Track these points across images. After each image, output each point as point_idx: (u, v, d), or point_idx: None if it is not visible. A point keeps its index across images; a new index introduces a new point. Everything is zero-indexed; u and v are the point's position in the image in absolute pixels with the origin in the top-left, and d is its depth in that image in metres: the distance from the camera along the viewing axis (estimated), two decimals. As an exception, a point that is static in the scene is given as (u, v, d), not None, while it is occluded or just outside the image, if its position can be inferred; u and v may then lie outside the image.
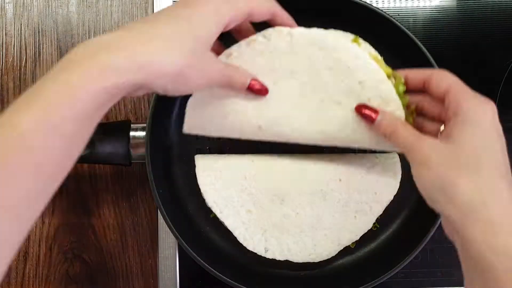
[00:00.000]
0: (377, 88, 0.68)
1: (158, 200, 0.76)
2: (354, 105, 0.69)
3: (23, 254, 0.89)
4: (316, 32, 0.68)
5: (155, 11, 0.89)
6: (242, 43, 0.68)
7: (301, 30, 0.68)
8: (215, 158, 0.81)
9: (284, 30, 0.68)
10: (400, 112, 0.67)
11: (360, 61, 0.68)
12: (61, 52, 0.90)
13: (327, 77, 0.69)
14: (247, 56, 0.68)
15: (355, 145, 0.74)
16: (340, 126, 0.71)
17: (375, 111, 0.64)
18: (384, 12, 0.78)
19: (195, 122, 0.74)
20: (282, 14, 0.65)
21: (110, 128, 0.79)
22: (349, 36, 0.72)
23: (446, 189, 0.53)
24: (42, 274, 0.89)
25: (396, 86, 0.69)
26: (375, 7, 0.78)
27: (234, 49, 0.68)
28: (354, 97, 0.69)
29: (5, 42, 0.90)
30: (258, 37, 0.68)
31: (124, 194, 0.89)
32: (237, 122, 0.73)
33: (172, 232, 0.76)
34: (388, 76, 0.69)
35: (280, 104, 0.71)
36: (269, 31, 0.68)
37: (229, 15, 0.57)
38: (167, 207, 0.77)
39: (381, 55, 0.72)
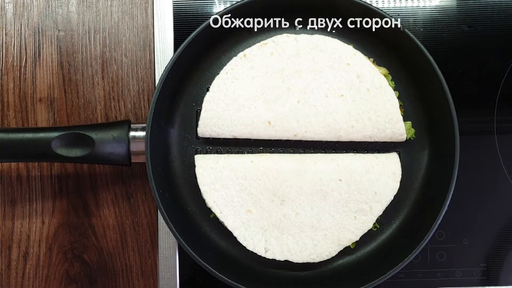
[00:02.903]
0: (373, 80, 0.78)
1: (158, 200, 0.76)
2: (356, 97, 0.78)
3: (23, 254, 0.89)
4: (317, 37, 0.80)
5: (155, 11, 0.88)
6: (254, 47, 0.79)
7: (305, 36, 0.80)
8: (215, 158, 0.81)
9: (291, 36, 0.79)
10: (395, 100, 0.78)
11: (357, 56, 0.79)
12: (61, 52, 0.90)
13: (329, 74, 0.78)
14: (259, 57, 0.79)
15: (359, 135, 0.80)
16: (344, 117, 0.79)
17: None
18: (384, 11, 0.78)
19: (210, 114, 0.80)
20: None
21: (110, 128, 0.79)
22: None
23: None
24: (42, 274, 0.89)
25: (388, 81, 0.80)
26: (375, 6, 0.79)
27: (248, 51, 0.79)
28: (355, 89, 0.79)
29: (5, 42, 0.90)
30: (269, 41, 0.79)
31: (124, 194, 0.89)
32: (248, 117, 0.79)
33: (172, 232, 0.76)
34: (384, 75, 0.80)
35: (287, 100, 0.78)
36: (278, 37, 0.79)
37: None
38: (167, 207, 0.77)
39: (380, 56, 0.82)
